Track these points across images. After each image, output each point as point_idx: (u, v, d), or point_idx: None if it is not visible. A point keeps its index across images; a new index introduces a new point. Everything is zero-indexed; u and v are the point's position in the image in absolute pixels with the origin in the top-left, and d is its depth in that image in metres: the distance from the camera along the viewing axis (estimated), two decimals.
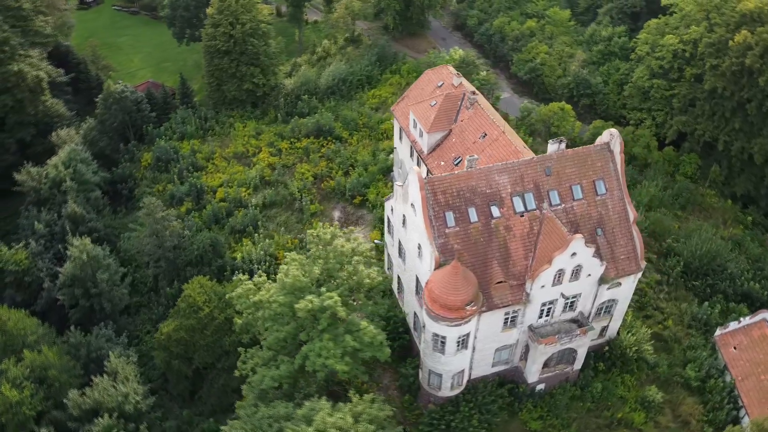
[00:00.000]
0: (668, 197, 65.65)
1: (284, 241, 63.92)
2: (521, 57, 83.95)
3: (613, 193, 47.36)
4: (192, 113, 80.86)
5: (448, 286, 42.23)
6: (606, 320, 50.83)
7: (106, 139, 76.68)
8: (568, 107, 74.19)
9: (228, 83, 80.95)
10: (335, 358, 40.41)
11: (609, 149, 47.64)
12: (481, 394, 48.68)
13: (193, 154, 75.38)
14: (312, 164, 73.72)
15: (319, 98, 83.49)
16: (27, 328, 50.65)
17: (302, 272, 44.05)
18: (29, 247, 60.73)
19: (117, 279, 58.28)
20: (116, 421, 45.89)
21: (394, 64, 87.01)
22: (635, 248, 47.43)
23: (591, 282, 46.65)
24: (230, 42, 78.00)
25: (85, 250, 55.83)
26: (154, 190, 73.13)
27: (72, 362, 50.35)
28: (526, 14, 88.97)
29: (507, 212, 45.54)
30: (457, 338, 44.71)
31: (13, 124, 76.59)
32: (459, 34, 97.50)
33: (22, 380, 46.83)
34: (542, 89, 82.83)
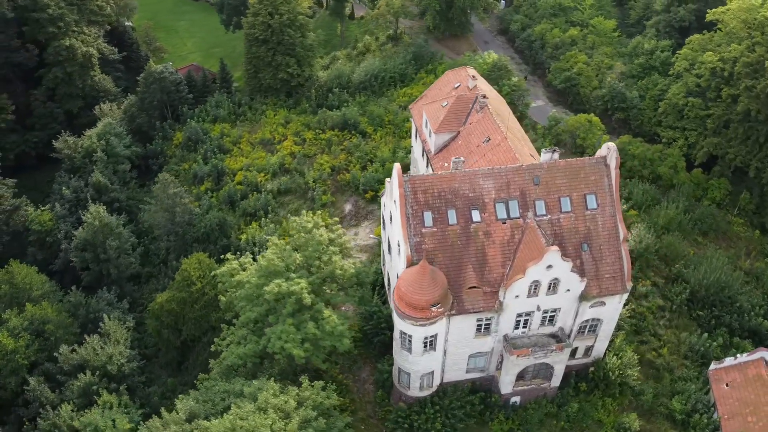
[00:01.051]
0: (688, 221, 62.45)
1: (290, 228, 65.23)
2: (558, 66, 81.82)
3: (604, 209, 45.76)
4: (227, 98, 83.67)
5: (414, 285, 42.15)
6: (590, 340, 49.18)
7: (144, 116, 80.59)
8: (595, 119, 71.90)
9: (264, 71, 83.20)
10: (294, 343, 41.20)
11: (605, 163, 46.09)
12: (449, 398, 48.25)
13: (222, 137, 78.11)
14: (332, 156, 74.82)
15: (351, 93, 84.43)
16: (34, 284, 54.25)
17: (279, 257, 45.11)
18: (54, 210, 64.87)
19: (127, 248, 61.38)
20: (98, 379, 48.44)
21: (430, 63, 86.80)
22: (622, 268, 45.63)
23: (571, 298, 45.28)
24: (268, 31, 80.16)
25: (98, 217, 59.14)
26: (181, 168, 76.45)
27: (69, 320, 53.54)
28: (570, 22, 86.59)
29: (488, 218, 44.87)
30: (424, 338, 44.50)
31: (62, 95, 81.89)
32: (502, 39, 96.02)
33: (20, 331, 50.32)
34: (577, 100, 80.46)
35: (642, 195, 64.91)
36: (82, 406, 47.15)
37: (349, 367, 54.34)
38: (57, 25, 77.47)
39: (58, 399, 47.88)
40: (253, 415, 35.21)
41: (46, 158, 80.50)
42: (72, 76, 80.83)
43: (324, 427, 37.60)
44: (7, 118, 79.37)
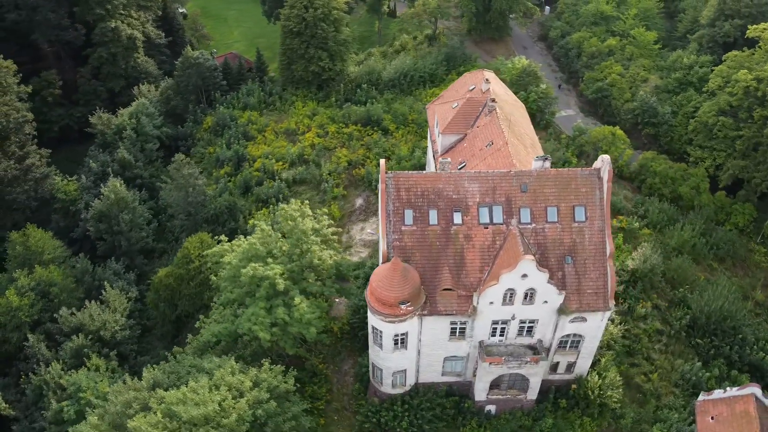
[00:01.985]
0: (704, 245, 59.63)
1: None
2: (592, 75, 79.57)
3: (593, 223, 44.44)
4: (259, 87, 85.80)
5: (384, 281, 42.26)
6: (572, 356, 47.86)
7: (178, 99, 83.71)
8: (619, 132, 69.65)
9: (297, 63, 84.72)
10: (261, 326, 42.16)
11: (598, 176, 44.74)
12: (420, 398, 48.09)
13: (248, 124, 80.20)
14: (350, 150, 75.58)
15: (380, 89, 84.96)
16: (46, 248, 57.59)
17: (263, 242, 46.20)
18: (80, 182, 68.47)
19: (140, 222, 64.14)
20: (90, 343, 50.99)
21: (462, 65, 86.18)
22: (606, 285, 44.19)
23: (548, 310, 44.25)
24: (302, 24, 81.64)
25: (115, 190, 62.09)
26: (207, 151, 79.00)
27: (74, 285, 56.49)
28: (611, 32, 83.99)
29: (470, 221, 44.42)
30: (394, 335, 44.53)
31: (106, 74, 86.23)
32: (542, 45, 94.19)
33: (27, 290, 53.57)
34: (608, 111, 78.06)
35: (658, 214, 62.47)
36: (73, 366, 49.76)
37: (333, 358, 55.00)
38: (105, 8, 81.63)
39: (53, 357, 50.78)
40: (204, 390, 36.37)
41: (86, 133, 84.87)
42: (116, 57, 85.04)
43: (275, 410, 38.26)
44: (54, 93, 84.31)
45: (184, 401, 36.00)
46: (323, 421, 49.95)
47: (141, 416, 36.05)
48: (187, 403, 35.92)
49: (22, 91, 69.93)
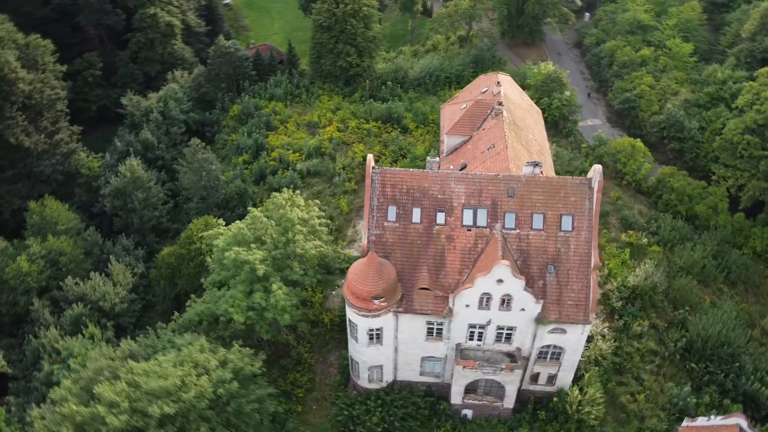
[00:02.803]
0: (716, 267, 57.15)
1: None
2: (621, 85, 77.29)
3: (580, 233, 43.40)
4: (287, 79, 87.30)
5: (359, 275, 42.54)
6: (553, 367, 46.87)
7: (209, 86, 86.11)
8: (639, 145, 67.49)
9: (325, 57, 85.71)
10: (237, 308, 43.16)
11: (589, 186, 43.66)
12: (393, 395, 48.12)
13: (272, 115, 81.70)
14: (367, 146, 76.01)
15: (405, 88, 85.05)
16: (61, 219, 60.45)
17: (251, 227, 47.21)
18: (104, 159, 71.50)
19: (154, 201, 66.44)
20: (89, 312, 53.32)
21: (490, 68, 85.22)
22: (588, 297, 43.08)
23: (526, 318, 43.51)
24: (332, 19, 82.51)
25: (132, 169, 64.58)
26: (230, 138, 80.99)
27: (82, 256, 59.11)
28: (647, 41, 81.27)
29: (453, 222, 44.13)
30: (368, 330, 44.76)
31: (143, 58, 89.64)
32: (577, 52, 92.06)
33: (37, 258, 56.42)
34: (635, 123, 75.68)
35: (670, 232, 60.27)
36: (71, 332, 52.12)
37: (320, 349, 55.64)
38: None
39: (54, 323, 53.34)
40: (168, 364, 37.59)
41: (122, 114, 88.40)
42: (153, 42, 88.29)
43: (236, 391, 39.11)
44: (94, 74, 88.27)
45: (148, 373, 37.33)
46: (301, 408, 50.70)
47: (108, 383, 37.60)
48: (150, 376, 37.23)
49: (57, 70, 73.55)
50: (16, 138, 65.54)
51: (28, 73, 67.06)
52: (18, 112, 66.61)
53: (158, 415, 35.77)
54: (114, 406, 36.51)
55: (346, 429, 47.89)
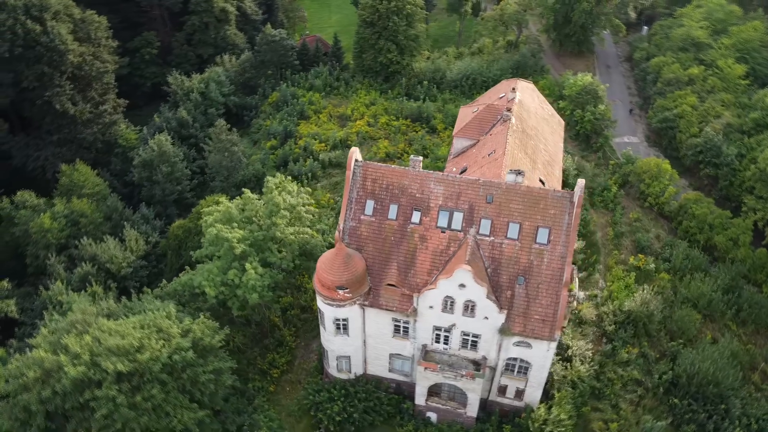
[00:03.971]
0: (722, 302, 53.75)
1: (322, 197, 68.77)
2: (662, 103, 73.62)
3: (555, 247, 42.22)
4: (328, 71, 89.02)
5: (326, 264, 43.23)
6: (521, 382, 45.84)
7: (253, 72, 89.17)
8: (665, 166, 64.34)
9: (367, 53, 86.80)
10: (210, 282, 44.98)
11: (570, 200, 42.34)
12: (357, 388, 48.51)
13: (307, 104, 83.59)
14: (392, 143, 76.46)
15: (441, 89, 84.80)
16: (87, 183, 64.63)
17: (240, 207, 48.95)
18: (141, 132, 75.72)
19: (179, 176, 69.73)
20: (96, 272, 56.90)
21: (531, 75, 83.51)
22: (555, 314, 41.84)
23: (490, 327, 42.81)
24: (375, 15, 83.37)
25: (159, 144, 68.09)
26: (265, 124, 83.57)
27: (101, 220, 62.96)
28: (698, 60, 76.91)
29: (429, 222, 44.01)
30: (335, 319, 45.44)
31: (197, 41, 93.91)
32: (627, 66, 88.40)
33: (60, 216, 60.70)
34: (672, 144, 71.99)
35: (683, 260, 57.16)
36: (78, 289, 55.81)
37: (305, 334, 56.82)
38: None
39: (66, 278, 57.30)
40: (128, 325, 39.79)
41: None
42: (207, 26, 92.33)
43: (193, 360, 40.79)
44: (151, 52, 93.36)
45: (109, 332, 39.69)
46: (273, 388, 52.06)
47: (75, 336, 40.29)
48: (112, 334, 39.56)
49: (109, 45, 78.51)
50: (62, 105, 70.63)
51: (79, 46, 71.99)
52: (67, 81, 71.73)
53: (112, 371, 37.97)
54: (76, 358, 39.07)
55: (310, 414, 48.85)
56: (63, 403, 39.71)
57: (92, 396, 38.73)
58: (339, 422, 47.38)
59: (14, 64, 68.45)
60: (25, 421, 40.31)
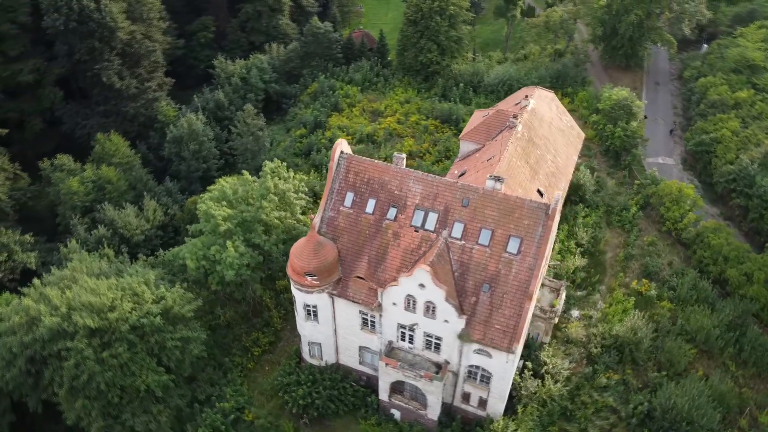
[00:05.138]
0: (721, 338, 50.55)
1: None
2: (702, 126, 69.69)
3: (525, 258, 41.39)
4: (369, 66, 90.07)
5: (297, 250, 44.28)
6: (483, 391, 45.22)
7: (298, 62, 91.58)
8: (688, 191, 61.05)
9: (408, 51, 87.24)
10: (191, 255, 47.09)
11: (546, 211, 41.33)
12: (323, 375, 49.31)
13: (343, 97, 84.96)
14: (416, 142, 76.57)
15: (478, 92, 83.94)
16: (118, 152, 68.78)
17: (233, 188, 50.85)
18: (180, 110, 79.61)
19: (206, 155, 72.90)
20: (110, 236, 60.65)
21: (571, 86, 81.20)
22: (516, 326, 41.00)
23: (450, 331, 42.52)
24: (418, 14, 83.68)
25: (190, 122, 71.43)
26: (300, 112, 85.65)
27: (126, 188, 66.85)
28: (751, 83, 72.12)
29: (403, 220, 44.20)
30: (304, 305, 46.49)
31: (250, 28, 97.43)
32: (678, 84, 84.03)
33: (88, 181, 65.04)
34: (706, 170, 68.07)
35: (689, 290, 54.20)
36: (92, 249, 59.72)
37: (294, 319, 58.14)
38: None
39: (84, 238, 61.42)
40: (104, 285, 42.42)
41: None
42: (261, 15, 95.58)
43: (160, 326, 42.94)
44: (207, 36, 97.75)
45: (85, 289, 42.50)
46: (252, 365, 53.79)
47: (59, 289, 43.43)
48: (88, 291, 42.35)
49: (160, 26, 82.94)
50: (109, 78, 75.47)
51: (130, 25, 76.61)
52: (116, 57, 76.52)
53: (81, 325, 40.68)
54: (54, 309, 42.12)
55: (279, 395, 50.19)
56: (42, 350, 42.89)
57: (64, 346, 41.59)
58: (304, 406, 48.48)
59: (69, 37, 73.91)
60: (9, 361, 43.84)
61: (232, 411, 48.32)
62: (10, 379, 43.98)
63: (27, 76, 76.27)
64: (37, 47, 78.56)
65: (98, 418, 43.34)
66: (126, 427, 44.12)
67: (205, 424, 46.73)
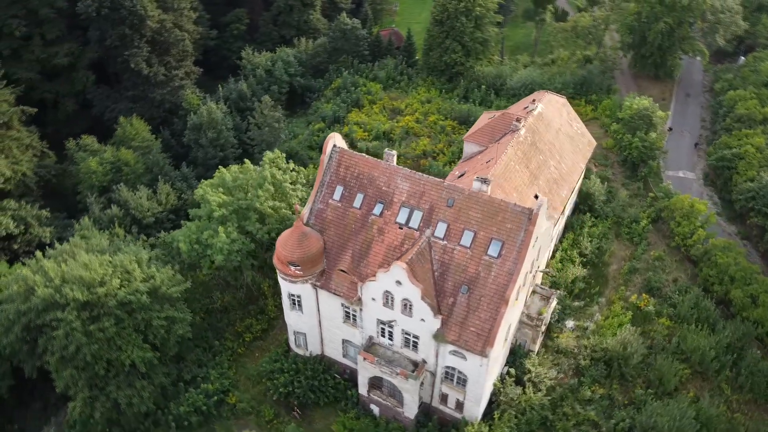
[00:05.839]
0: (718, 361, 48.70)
1: None
2: (726, 140, 67.13)
3: (505, 262, 40.98)
4: (394, 64, 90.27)
5: (282, 239, 44.99)
6: (460, 394, 44.98)
7: (325, 56, 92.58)
8: (700, 206, 59.01)
9: (434, 51, 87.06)
10: (185, 238, 48.40)
11: (529, 216, 40.78)
12: (306, 365, 49.89)
13: (364, 94, 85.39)
14: (432, 142, 76.39)
15: (501, 95, 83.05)
16: (138, 136, 71.09)
17: (233, 177, 51.99)
18: (204, 99, 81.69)
19: (223, 143, 74.58)
20: (122, 215, 62.82)
21: (595, 94, 79.47)
22: (491, 330, 40.61)
23: (426, 330, 42.46)
24: (444, 14, 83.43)
25: (209, 110, 73.21)
26: (322, 107, 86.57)
27: (143, 171, 69.03)
28: None
29: (389, 216, 44.38)
30: (289, 294, 47.19)
31: (282, 22, 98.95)
32: (709, 96, 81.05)
33: (106, 162, 67.53)
34: (726, 187, 65.57)
35: (689, 308, 52.44)
36: (104, 228, 62.00)
37: None
38: None
39: (98, 217, 63.77)
40: (97, 261, 44.11)
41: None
42: (292, 9, 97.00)
43: (148, 304, 44.36)
44: (240, 28, 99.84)
45: (82, 264, 44.27)
46: (242, 350, 54.83)
47: (56, 262, 45.41)
48: (81, 266, 44.12)
49: (189, 16, 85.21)
50: (137, 65, 78.12)
51: (161, 14, 79.05)
52: (146, 44, 79.09)
53: (71, 297, 42.40)
54: (49, 281, 44.05)
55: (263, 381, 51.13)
56: (36, 319, 44.90)
57: (56, 317, 43.45)
58: (285, 394, 49.25)
59: (101, 23, 76.86)
60: (7, 328, 46.10)
61: (216, 393, 49.43)
62: (7, 344, 46.24)
63: (62, 59, 79.70)
64: (73, 32, 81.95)
65: (84, 388, 45.12)
66: (110, 399, 45.78)
67: (187, 403, 48.00)
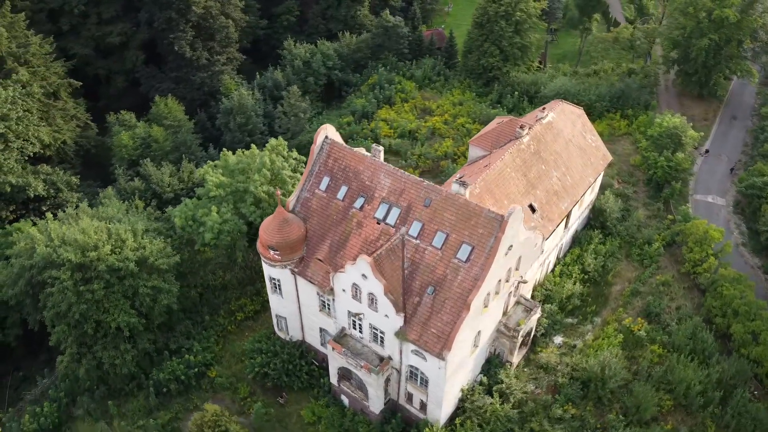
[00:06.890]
0: (704, 397, 46.22)
1: None
2: (760, 167, 63.24)
3: (472, 267, 40.69)
4: (432, 64, 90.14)
5: (265, 223, 46.29)
6: (423, 394, 44.97)
7: (367, 52, 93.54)
8: (714, 234, 55.91)
9: (473, 53, 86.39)
10: (181, 213, 50.64)
11: (500, 223, 40.22)
12: (283, 349, 51.04)
13: (398, 92, 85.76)
14: (455, 143, 75.96)
15: (534, 103, 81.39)
16: (171, 115, 74.47)
17: (237, 161, 53.84)
18: (241, 85, 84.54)
19: (251, 129, 76.95)
20: (144, 188, 66.16)
21: (631, 108, 76.60)
22: (450, 334, 40.36)
23: (389, 326, 42.73)
24: (484, 17, 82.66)
25: (240, 96, 75.76)
26: (355, 101, 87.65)
27: (170, 148, 72.32)
28: None
29: (368, 211, 44.87)
30: (270, 277, 48.49)
31: (330, 16, 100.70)
32: (757, 119, 76.30)
33: (137, 138, 71.25)
34: (755, 216, 61.80)
35: (685, 338, 49.99)
36: (125, 199, 65.47)
37: None
38: None
39: (123, 186, 67.43)
40: (93, 227, 46.94)
41: None
42: (340, 4, 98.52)
43: (136, 273, 46.79)
44: (290, 19, 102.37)
45: (80, 229, 47.27)
46: (232, 328, 56.77)
47: (59, 224, 48.68)
48: (79, 230, 47.10)
49: (237, 4, 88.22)
50: (181, 48, 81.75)
51: (207, 1, 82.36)
52: (191, 29, 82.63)
53: (64, 258, 45.35)
54: (50, 240, 47.28)
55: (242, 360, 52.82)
56: (38, 275, 48.28)
57: (51, 275, 46.59)
58: (262, 374, 50.68)
59: (150, 6, 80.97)
60: (15, 280, 49.82)
61: (198, 365, 51.49)
62: (13, 295, 49.98)
63: (115, 38, 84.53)
64: (128, 13, 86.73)
65: (73, 344, 48.16)
66: (96, 358, 48.63)
67: (167, 371, 50.28)
